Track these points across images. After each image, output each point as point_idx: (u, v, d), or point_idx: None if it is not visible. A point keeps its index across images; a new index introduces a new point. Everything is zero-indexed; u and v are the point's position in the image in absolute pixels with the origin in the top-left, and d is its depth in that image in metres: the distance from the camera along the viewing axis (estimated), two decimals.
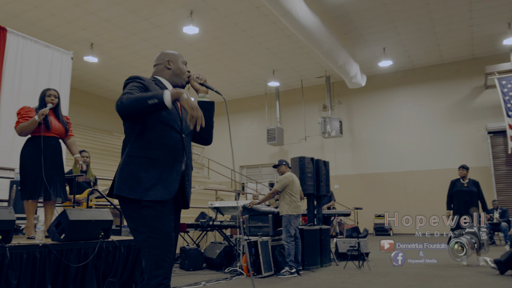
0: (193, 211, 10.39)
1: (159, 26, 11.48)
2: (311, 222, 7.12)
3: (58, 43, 11.30)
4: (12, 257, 3.24)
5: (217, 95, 2.41)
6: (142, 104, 1.94)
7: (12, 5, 10.25)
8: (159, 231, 2.02)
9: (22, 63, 6.15)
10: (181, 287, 4.89)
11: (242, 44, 12.73)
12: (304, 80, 16.06)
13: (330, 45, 11.09)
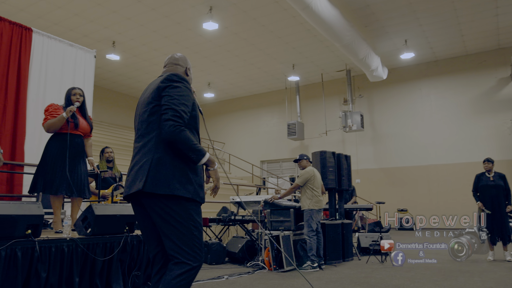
0: (215, 206, 10.46)
1: (179, 23, 11.54)
2: (333, 217, 7.08)
3: (81, 42, 11.50)
4: (41, 250, 3.33)
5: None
6: (190, 147, 2.16)
7: (37, 6, 10.48)
8: (199, 224, 2.22)
9: (47, 62, 6.27)
10: (204, 280, 4.93)
11: (262, 39, 12.69)
12: (324, 74, 15.92)
13: (350, 38, 10.94)
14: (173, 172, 2.15)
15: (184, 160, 2.20)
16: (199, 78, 16.13)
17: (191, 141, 2.15)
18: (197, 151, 2.17)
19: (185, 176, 2.18)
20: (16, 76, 5.81)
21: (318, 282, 4.85)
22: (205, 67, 14.97)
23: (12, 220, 3.16)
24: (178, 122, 2.13)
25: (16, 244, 3.17)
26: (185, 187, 2.16)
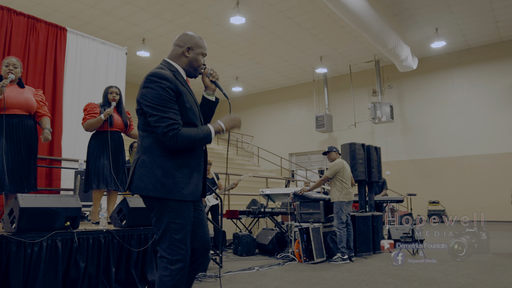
0: (245, 198, 10.52)
1: (206, 18, 11.60)
2: (363, 209, 7.00)
3: (112, 39, 11.76)
4: (80, 241, 3.44)
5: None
6: (196, 143, 2.12)
7: (70, 6, 10.76)
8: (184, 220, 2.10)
9: (81, 60, 6.44)
10: (235, 271, 4.99)
11: (289, 32, 12.60)
12: (352, 65, 15.67)
13: (379, 28, 10.71)
14: (154, 173, 2.08)
15: (170, 157, 2.11)
16: (227, 73, 16.21)
17: (193, 138, 2.08)
18: (203, 139, 2.13)
19: (169, 175, 2.08)
20: (53, 75, 6.00)
21: (348, 274, 4.82)
22: (233, 61, 15.01)
23: (52, 212, 3.28)
24: (165, 125, 2.03)
25: (56, 235, 3.29)
26: (165, 187, 2.07)
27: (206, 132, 2.14)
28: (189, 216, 2.13)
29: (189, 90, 2.25)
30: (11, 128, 3.66)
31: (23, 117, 3.77)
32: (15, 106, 3.69)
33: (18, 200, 3.11)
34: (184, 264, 2.07)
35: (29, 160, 3.82)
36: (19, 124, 3.72)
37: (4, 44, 5.46)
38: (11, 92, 3.71)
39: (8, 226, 3.19)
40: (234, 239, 6.85)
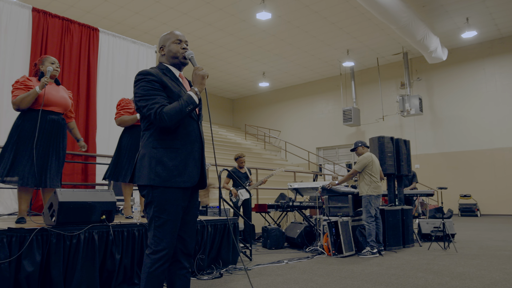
0: (273, 192, 10.53)
1: (233, 14, 11.62)
2: (392, 203, 6.88)
3: (142, 38, 11.97)
4: (115, 234, 3.53)
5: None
6: (183, 114, 2.14)
7: (101, 7, 10.99)
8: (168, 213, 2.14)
9: (113, 59, 6.59)
10: (265, 264, 5.00)
11: (315, 26, 12.47)
12: (380, 58, 15.38)
13: (407, 19, 10.45)
14: (149, 163, 2.17)
15: (160, 145, 2.19)
16: (253, 68, 16.20)
17: (176, 108, 2.13)
18: (187, 105, 2.15)
19: (160, 164, 2.15)
20: (87, 74, 6.16)
21: (378, 268, 4.75)
22: (259, 57, 15.00)
23: (88, 206, 3.38)
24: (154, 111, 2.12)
25: (93, 228, 3.39)
26: (154, 174, 2.14)
27: (186, 98, 2.17)
28: (176, 208, 2.16)
29: (178, 84, 2.32)
30: (49, 124, 3.74)
31: (60, 115, 3.87)
32: (54, 104, 3.78)
33: (57, 195, 3.22)
34: (164, 254, 2.11)
35: (63, 157, 3.91)
36: (56, 121, 3.81)
37: (41, 45, 5.64)
38: (51, 89, 3.80)
39: (48, 219, 3.31)
40: (263, 232, 6.87)
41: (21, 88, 3.68)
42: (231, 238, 4.79)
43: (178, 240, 2.24)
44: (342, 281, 4.00)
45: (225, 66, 15.97)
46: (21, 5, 5.59)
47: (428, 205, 10.44)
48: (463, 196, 13.59)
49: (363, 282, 3.95)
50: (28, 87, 3.68)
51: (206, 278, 4.09)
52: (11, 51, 5.36)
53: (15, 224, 3.41)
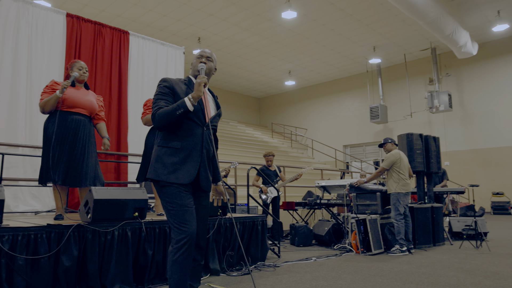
0: (300, 190, 10.50)
1: (258, 14, 11.62)
2: (422, 200, 6.72)
3: (170, 40, 12.14)
4: (147, 231, 3.61)
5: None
6: (172, 116, 2.31)
7: (131, 10, 11.22)
8: (176, 204, 2.32)
9: (143, 61, 6.71)
10: (293, 261, 4.99)
11: (341, 23, 12.32)
12: (407, 54, 15.04)
13: (435, 14, 10.17)
14: (155, 160, 2.41)
15: (164, 144, 2.41)
16: (279, 67, 16.17)
17: (166, 111, 2.32)
18: (176, 109, 2.31)
19: (159, 160, 2.39)
20: (118, 75, 6.30)
21: (408, 266, 4.66)
22: (285, 56, 14.95)
23: (122, 204, 3.46)
24: (153, 112, 2.38)
25: (126, 225, 3.47)
26: (156, 171, 2.38)
27: (179, 102, 2.33)
28: (181, 199, 2.33)
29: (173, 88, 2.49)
30: (73, 124, 3.83)
31: (86, 117, 3.96)
32: (80, 106, 3.88)
33: (92, 193, 3.31)
34: (185, 242, 2.26)
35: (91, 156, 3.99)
36: (81, 122, 3.89)
37: (75, 49, 5.81)
38: (78, 92, 3.91)
39: (84, 216, 3.41)
40: (291, 230, 6.85)
41: (48, 92, 3.81)
42: (260, 235, 4.81)
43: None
44: (371, 279, 3.95)
45: (252, 66, 16.00)
46: (56, 11, 5.77)
47: (459, 203, 10.15)
48: (496, 194, 13.14)
49: (392, 280, 3.88)
50: (54, 90, 3.80)
51: (236, 274, 4.11)
52: (47, 55, 5.54)
53: (54, 220, 3.53)
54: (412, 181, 6.90)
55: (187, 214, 2.31)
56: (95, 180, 3.94)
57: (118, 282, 3.31)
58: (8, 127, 5.06)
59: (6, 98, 5.08)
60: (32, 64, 5.38)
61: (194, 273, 2.44)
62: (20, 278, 2.81)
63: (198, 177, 2.42)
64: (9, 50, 5.19)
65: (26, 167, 5.15)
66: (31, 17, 5.45)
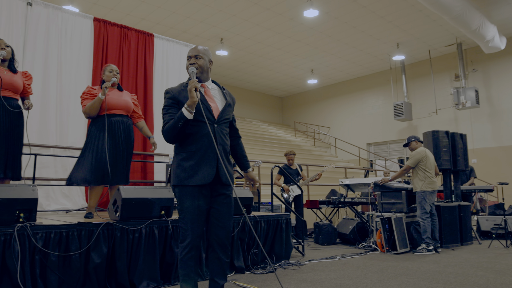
0: (324, 189, 10.42)
1: (280, 14, 11.58)
2: (448, 199, 6.57)
3: (194, 41, 12.25)
4: (173, 229, 3.65)
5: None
6: (176, 129, 2.37)
7: (155, 13, 11.37)
8: (185, 205, 2.41)
9: (168, 62, 6.79)
10: (317, 260, 4.96)
11: (363, 21, 12.14)
12: (432, 50, 14.70)
13: (460, 8, 9.89)
14: (176, 167, 2.48)
15: (181, 151, 2.48)
16: (301, 66, 16.08)
17: (170, 126, 2.39)
18: (179, 121, 2.34)
19: (179, 166, 2.46)
20: (143, 77, 6.40)
21: (435, 265, 4.56)
22: (307, 55, 14.85)
23: (149, 202, 3.52)
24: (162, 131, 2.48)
25: (153, 223, 3.52)
26: (175, 176, 2.47)
27: (178, 115, 2.36)
28: (193, 203, 2.40)
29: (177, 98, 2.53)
30: (113, 126, 3.96)
31: (123, 117, 4.08)
32: (116, 107, 4.01)
33: (120, 192, 3.38)
34: (188, 244, 2.38)
35: (128, 155, 4.12)
36: (120, 123, 4.02)
37: (102, 52, 5.93)
38: (113, 94, 4.04)
39: (112, 215, 3.48)
40: (315, 228, 6.82)
41: (88, 97, 3.96)
42: (284, 233, 4.80)
43: (212, 233, 2.49)
44: (397, 278, 3.88)
45: (274, 65, 15.96)
46: (84, 15, 5.91)
47: (487, 202, 9.86)
48: None
49: (419, 280, 3.81)
50: (93, 95, 3.94)
51: (260, 272, 4.12)
52: (76, 59, 5.68)
53: (84, 218, 3.62)
54: (439, 179, 6.74)
55: (194, 219, 2.40)
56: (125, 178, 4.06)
57: (146, 279, 3.37)
58: (40, 129, 5.21)
59: (38, 101, 5.24)
60: (62, 68, 5.53)
61: (219, 270, 2.49)
62: (53, 274, 2.90)
63: (218, 174, 2.45)
64: (40, 54, 5.35)
65: (57, 167, 5.30)
66: (60, 22, 5.60)
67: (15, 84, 3.56)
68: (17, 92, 3.61)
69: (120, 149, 4.01)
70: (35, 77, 5.23)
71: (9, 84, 3.49)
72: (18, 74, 3.68)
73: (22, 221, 2.88)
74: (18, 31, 5.18)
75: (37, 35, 5.34)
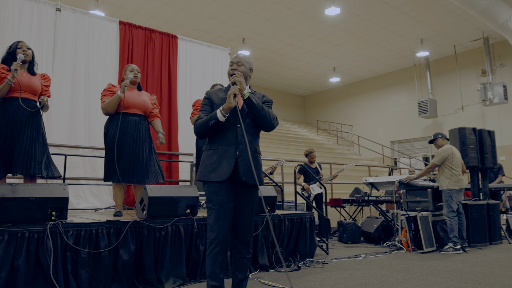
0: (347, 187, 10.32)
1: (301, 12, 11.52)
2: (476, 197, 6.39)
3: (216, 42, 12.30)
4: (199, 227, 3.69)
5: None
6: (206, 126, 2.52)
7: (178, 15, 11.50)
8: (212, 202, 2.51)
9: (191, 63, 6.86)
10: (342, 258, 4.92)
11: (386, 17, 11.94)
12: (457, 45, 14.32)
13: (487, 2, 9.59)
14: (201, 163, 2.62)
15: (207, 148, 2.62)
16: (324, 64, 15.95)
17: (201, 122, 2.55)
18: (209, 120, 2.50)
19: (203, 163, 2.59)
20: (168, 78, 6.49)
21: (463, 265, 4.45)
22: (329, 53, 14.72)
23: (175, 201, 3.56)
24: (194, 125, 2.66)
25: (179, 221, 3.57)
26: (199, 171, 2.60)
27: (212, 114, 2.51)
28: (217, 198, 2.49)
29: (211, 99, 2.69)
30: (130, 124, 3.99)
31: (140, 116, 4.11)
32: (134, 106, 4.04)
33: (147, 190, 3.43)
34: (213, 239, 2.45)
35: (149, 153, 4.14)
36: (137, 122, 4.05)
37: (127, 54, 6.05)
38: (132, 93, 4.07)
39: (140, 213, 3.54)
40: (339, 227, 6.76)
41: (107, 94, 4.01)
42: (308, 232, 4.78)
43: (234, 229, 2.59)
44: (424, 278, 3.81)
45: (295, 64, 15.89)
46: (110, 19, 6.04)
47: None
48: None
49: (446, 279, 3.72)
50: (113, 92, 3.99)
51: (284, 270, 4.12)
52: (103, 61, 5.81)
53: (113, 217, 3.69)
54: (466, 177, 6.57)
55: (220, 214, 2.48)
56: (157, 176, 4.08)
57: (172, 276, 3.42)
58: (69, 130, 5.36)
59: (67, 104, 5.38)
60: (89, 71, 5.67)
61: (240, 265, 2.59)
62: (84, 270, 2.97)
63: (237, 172, 2.50)
64: (69, 58, 5.50)
65: (86, 167, 5.44)
66: (87, 26, 5.75)
67: (33, 86, 3.66)
68: (35, 94, 3.70)
69: (141, 148, 4.02)
70: (65, 81, 5.39)
71: (27, 86, 3.59)
72: (37, 76, 3.77)
73: (54, 219, 2.97)
74: (48, 35, 5.35)
75: (65, 39, 5.49)
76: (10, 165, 3.48)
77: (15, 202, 2.82)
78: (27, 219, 2.86)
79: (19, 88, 3.53)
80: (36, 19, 5.27)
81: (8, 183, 2.88)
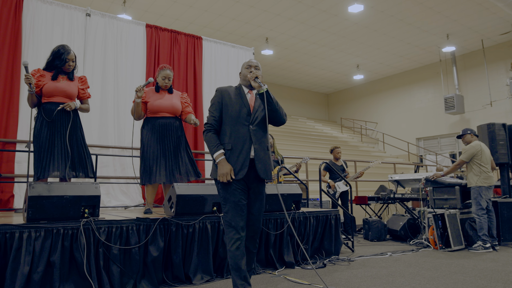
0: (372, 185, 10.17)
1: (324, 10, 11.41)
2: (506, 194, 6.18)
3: (240, 42, 12.35)
4: None
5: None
6: (210, 149, 2.73)
7: (202, 17, 11.59)
8: (228, 200, 2.65)
9: (216, 63, 6.90)
10: (368, 256, 4.85)
11: (410, 13, 11.67)
12: (485, 39, 13.86)
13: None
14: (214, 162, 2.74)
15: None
16: (347, 62, 15.75)
17: (209, 143, 2.72)
18: (211, 151, 2.71)
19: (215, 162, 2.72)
20: (193, 79, 6.55)
21: (493, 264, 4.32)
22: (352, 50, 14.53)
23: (202, 199, 3.60)
24: (205, 128, 2.79)
25: (206, 219, 3.60)
26: (213, 170, 2.75)
27: (217, 152, 2.68)
28: (232, 196, 2.63)
29: (242, 100, 2.79)
30: (161, 128, 4.10)
31: (170, 119, 4.19)
32: (162, 110, 4.15)
33: (174, 189, 3.48)
34: (232, 235, 2.59)
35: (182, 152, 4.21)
36: (168, 124, 4.14)
37: (154, 56, 6.14)
38: (161, 98, 4.17)
39: (168, 211, 3.60)
40: (364, 224, 6.67)
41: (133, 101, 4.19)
42: (333, 229, 4.74)
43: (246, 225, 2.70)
44: (452, 276, 3.71)
45: (319, 62, 15.76)
46: (137, 23, 6.15)
47: None
48: None
49: (476, 278, 3.62)
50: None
51: (310, 267, 4.10)
52: (131, 64, 5.93)
53: (143, 214, 3.77)
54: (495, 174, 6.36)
55: (236, 211, 2.62)
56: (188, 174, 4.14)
57: (200, 272, 3.46)
58: (99, 131, 5.50)
59: (97, 105, 5.52)
60: (118, 73, 5.79)
61: (247, 259, 2.75)
62: (115, 266, 3.04)
63: (255, 169, 2.70)
64: (98, 61, 5.63)
65: (115, 166, 5.57)
66: (116, 30, 5.87)
67: (68, 92, 3.81)
68: (71, 98, 3.84)
69: (173, 149, 4.10)
70: (95, 83, 5.52)
71: (62, 91, 3.77)
72: (74, 81, 3.91)
73: (87, 216, 3.05)
74: (79, 40, 5.49)
75: (95, 43, 5.63)
76: (51, 165, 3.63)
77: (50, 200, 2.91)
78: (61, 216, 2.95)
79: (56, 94, 3.72)
80: (67, 24, 5.42)
81: (44, 183, 2.98)
